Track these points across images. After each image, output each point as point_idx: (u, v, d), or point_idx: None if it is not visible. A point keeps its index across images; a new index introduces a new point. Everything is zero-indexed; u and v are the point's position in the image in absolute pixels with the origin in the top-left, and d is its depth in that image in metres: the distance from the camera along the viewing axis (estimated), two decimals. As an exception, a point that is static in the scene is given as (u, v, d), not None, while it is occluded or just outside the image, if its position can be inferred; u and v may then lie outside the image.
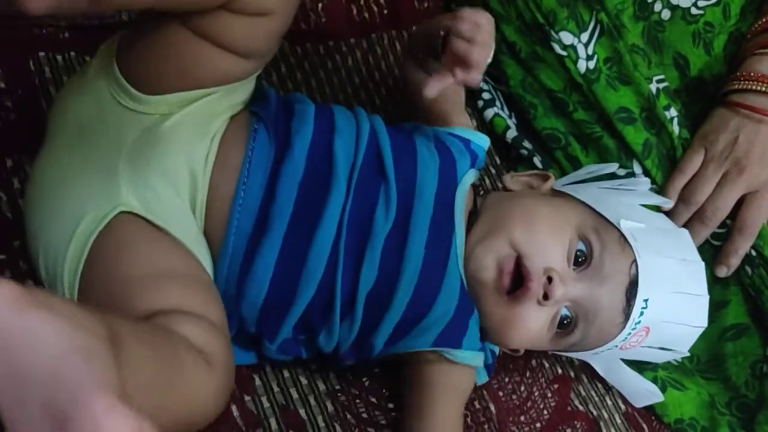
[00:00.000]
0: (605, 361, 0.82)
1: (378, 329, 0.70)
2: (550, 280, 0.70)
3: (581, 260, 0.73)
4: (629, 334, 0.74)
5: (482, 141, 0.81)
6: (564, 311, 0.73)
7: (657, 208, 0.88)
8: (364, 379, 0.77)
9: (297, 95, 0.75)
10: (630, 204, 0.80)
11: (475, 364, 0.74)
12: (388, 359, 0.74)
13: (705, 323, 0.79)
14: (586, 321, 0.73)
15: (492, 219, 0.75)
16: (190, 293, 0.61)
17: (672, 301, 0.76)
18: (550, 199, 0.78)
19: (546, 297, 0.70)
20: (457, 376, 0.74)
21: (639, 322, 0.73)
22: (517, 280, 0.72)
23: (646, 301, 0.73)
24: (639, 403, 0.86)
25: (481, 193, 0.92)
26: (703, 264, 0.80)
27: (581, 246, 0.73)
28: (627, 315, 0.73)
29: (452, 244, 0.72)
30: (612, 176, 0.87)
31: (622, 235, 0.75)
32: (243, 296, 0.67)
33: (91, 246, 0.60)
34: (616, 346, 0.75)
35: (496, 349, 0.78)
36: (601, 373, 0.84)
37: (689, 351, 0.92)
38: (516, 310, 0.72)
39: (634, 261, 0.74)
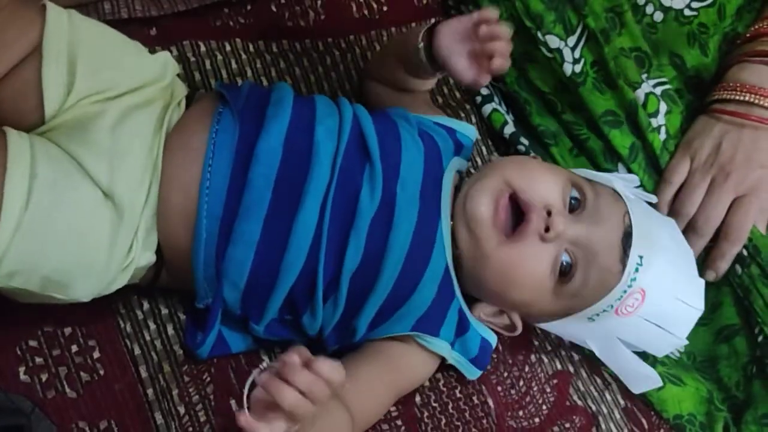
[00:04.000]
0: (602, 337, 0.79)
1: (361, 312, 0.70)
2: (549, 213, 0.70)
3: (575, 206, 0.73)
4: (625, 291, 0.72)
5: (468, 131, 0.82)
6: (564, 257, 0.72)
7: None
8: (362, 374, 0.78)
9: (278, 84, 0.76)
10: (624, 182, 0.80)
11: (445, 355, 0.75)
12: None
13: (702, 306, 0.78)
14: (586, 264, 0.72)
15: (483, 168, 0.76)
16: None
17: (666, 269, 0.75)
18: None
19: (548, 230, 0.70)
20: (421, 361, 0.75)
21: (635, 278, 0.72)
22: (516, 222, 0.71)
23: (641, 257, 0.72)
24: (637, 389, 0.84)
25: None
26: (692, 251, 0.81)
27: (575, 193, 0.74)
28: (624, 264, 0.72)
29: (438, 230, 0.72)
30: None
31: (615, 191, 0.76)
32: (224, 279, 0.68)
33: None
34: (612, 306, 0.73)
35: (492, 341, 0.78)
36: (598, 354, 0.81)
37: (686, 348, 0.93)
38: (518, 249, 0.71)
39: (627, 212, 0.74)
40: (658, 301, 0.75)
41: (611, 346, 0.79)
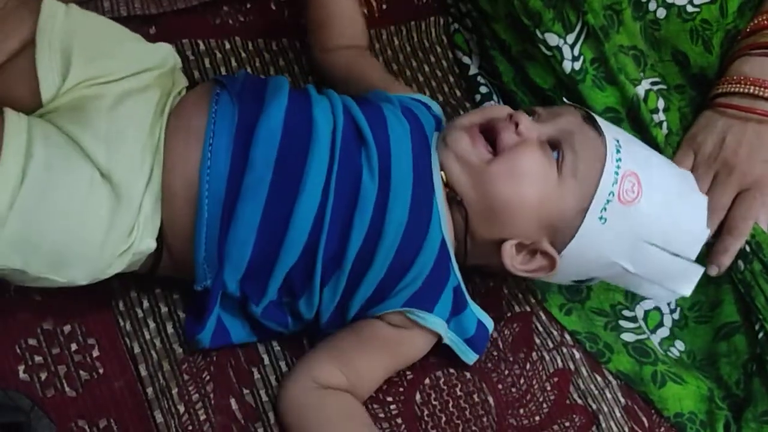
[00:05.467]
0: (627, 245, 0.76)
1: (357, 292, 0.71)
2: (511, 117, 0.75)
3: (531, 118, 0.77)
4: (617, 173, 0.73)
5: (438, 108, 0.84)
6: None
7: None
8: (362, 372, 0.78)
9: (274, 76, 0.76)
10: None
11: (440, 332, 0.75)
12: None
13: (700, 194, 0.79)
14: (568, 143, 0.74)
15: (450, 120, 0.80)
16: None
17: (649, 156, 0.77)
18: None
19: (517, 125, 0.73)
20: (416, 339, 0.75)
21: (620, 159, 0.73)
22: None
23: (617, 140, 0.74)
24: (686, 288, 0.80)
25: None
26: (668, 159, 0.83)
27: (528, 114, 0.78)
28: (599, 131, 0.74)
29: (434, 204, 0.73)
30: None
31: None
32: (226, 260, 0.68)
33: None
34: (612, 193, 0.73)
35: (489, 326, 0.78)
36: (630, 267, 0.77)
37: (686, 347, 0.93)
38: (506, 157, 0.73)
39: (577, 107, 0.78)
40: (655, 184, 0.75)
41: (639, 252, 0.76)
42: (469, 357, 0.79)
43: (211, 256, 0.69)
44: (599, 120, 0.76)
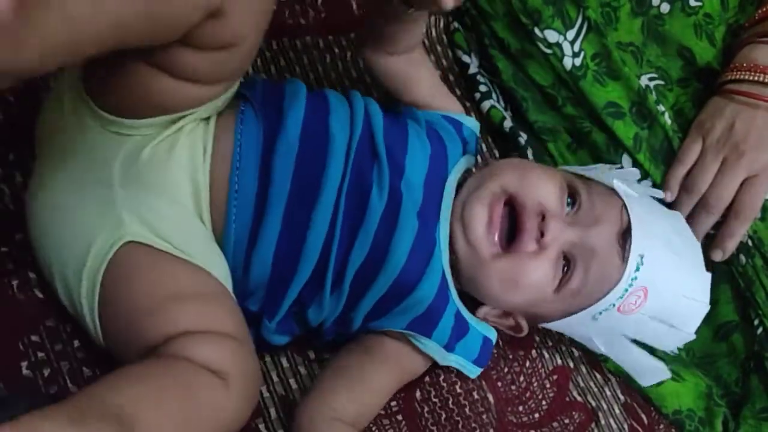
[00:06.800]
0: (608, 334, 0.77)
1: (360, 304, 0.71)
2: (543, 217, 0.71)
3: (569, 205, 0.74)
4: (626, 290, 0.72)
5: (473, 125, 0.83)
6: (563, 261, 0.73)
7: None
8: (363, 370, 0.78)
9: (288, 79, 0.76)
10: (625, 180, 0.80)
11: (437, 358, 0.75)
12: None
13: (707, 299, 0.77)
14: (585, 263, 0.72)
15: (482, 173, 0.76)
16: (200, 311, 0.62)
17: (669, 267, 0.74)
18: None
19: (543, 235, 0.70)
20: (414, 360, 0.75)
21: (635, 278, 0.72)
22: (512, 227, 0.72)
23: (641, 257, 0.72)
24: (646, 381, 0.84)
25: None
26: (699, 244, 0.81)
27: (569, 197, 0.74)
28: (624, 259, 0.72)
29: (437, 234, 0.72)
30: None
31: (612, 189, 0.76)
32: (249, 278, 0.68)
33: (102, 281, 0.62)
34: (614, 305, 0.72)
35: (493, 337, 0.78)
36: (604, 350, 0.80)
37: (685, 344, 0.92)
38: (515, 260, 0.71)
39: (624, 207, 0.74)
40: (661, 298, 0.74)
41: (617, 342, 0.78)
42: (474, 372, 0.79)
43: (237, 275, 0.69)
44: (637, 224, 0.72)
